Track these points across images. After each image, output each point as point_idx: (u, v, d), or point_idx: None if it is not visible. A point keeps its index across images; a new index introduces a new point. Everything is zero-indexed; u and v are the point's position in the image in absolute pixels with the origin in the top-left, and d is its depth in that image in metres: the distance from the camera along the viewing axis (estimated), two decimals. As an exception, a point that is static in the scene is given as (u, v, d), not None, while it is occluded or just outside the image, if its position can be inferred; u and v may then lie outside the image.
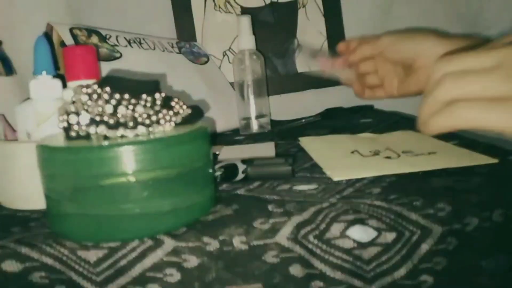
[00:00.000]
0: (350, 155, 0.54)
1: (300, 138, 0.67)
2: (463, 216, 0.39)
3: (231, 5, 0.89)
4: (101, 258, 0.36)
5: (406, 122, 0.75)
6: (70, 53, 0.52)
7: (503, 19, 0.96)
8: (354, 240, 0.37)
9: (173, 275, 0.36)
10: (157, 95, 0.40)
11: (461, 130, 0.33)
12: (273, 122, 0.85)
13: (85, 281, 0.36)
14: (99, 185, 0.35)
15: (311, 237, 0.37)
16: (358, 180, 0.46)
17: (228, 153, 0.60)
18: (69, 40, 0.65)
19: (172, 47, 0.80)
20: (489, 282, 0.40)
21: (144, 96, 0.39)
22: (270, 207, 0.40)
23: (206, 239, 0.37)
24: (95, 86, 0.39)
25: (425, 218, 0.38)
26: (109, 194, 0.35)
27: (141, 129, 0.38)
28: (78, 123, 0.38)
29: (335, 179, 0.46)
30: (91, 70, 0.52)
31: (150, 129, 0.39)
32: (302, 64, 0.93)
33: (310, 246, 0.37)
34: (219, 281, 0.37)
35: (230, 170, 0.49)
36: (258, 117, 0.80)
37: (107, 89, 0.39)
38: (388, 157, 0.51)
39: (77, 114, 0.38)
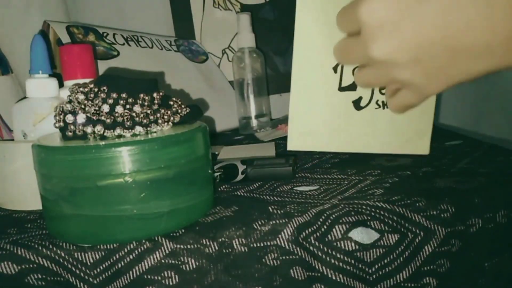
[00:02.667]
0: (331, 76, 0.45)
1: None
2: (467, 218, 0.38)
3: (231, 2, 0.88)
4: (98, 260, 0.36)
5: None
6: (66, 51, 0.52)
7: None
8: (356, 242, 0.37)
9: (171, 278, 0.36)
10: (155, 94, 0.40)
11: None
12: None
13: (82, 283, 0.35)
14: (96, 186, 0.34)
15: (312, 239, 0.37)
16: (360, 180, 0.45)
17: (227, 153, 0.60)
18: (65, 39, 0.64)
19: (171, 45, 0.79)
20: (492, 284, 0.39)
21: (141, 95, 0.39)
22: (270, 208, 0.39)
23: (205, 241, 0.36)
24: (92, 85, 0.39)
25: (428, 220, 0.38)
26: (106, 195, 0.35)
27: (138, 129, 0.38)
28: (74, 123, 0.37)
29: (291, 149, 0.44)
30: (88, 68, 0.52)
31: (148, 128, 0.38)
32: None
33: (311, 248, 0.37)
34: (218, 284, 0.36)
35: (230, 170, 0.48)
36: (258, 116, 0.79)
37: (104, 88, 0.38)
38: (358, 99, 0.46)
39: (74, 113, 0.37)
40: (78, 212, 0.35)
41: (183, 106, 0.42)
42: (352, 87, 0.46)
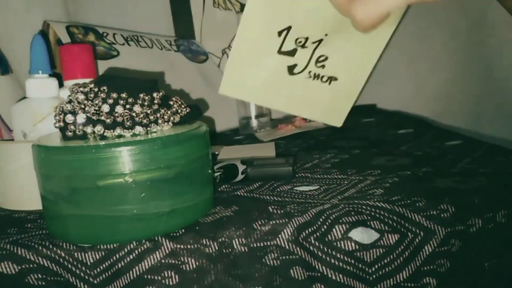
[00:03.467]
0: (275, 38, 0.43)
1: None
2: (467, 218, 0.38)
3: (231, 2, 0.88)
4: (98, 260, 0.35)
5: (408, 122, 0.75)
6: (66, 51, 0.52)
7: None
8: (356, 242, 0.37)
9: (171, 278, 0.36)
10: (155, 94, 0.40)
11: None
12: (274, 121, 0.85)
13: (82, 283, 0.35)
14: (96, 186, 0.34)
15: (312, 239, 0.37)
16: (360, 180, 0.45)
17: (227, 153, 0.60)
18: (65, 38, 0.64)
19: (171, 45, 0.79)
20: (492, 284, 0.39)
21: (141, 95, 0.39)
22: (270, 208, 0.39)
23: (205, 241, 0.36)
24: (92, 85, 0.39)
25: (428, 220, 0.38)
26: (106, 195, 0.35)
27: (138, 129, 0.38)
28: (74, 123, 0.37)
29: (222, 92, 0.44)
30: (88, 68, 0.52)
31: (148, 128, 0.38)
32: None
33: (311, 248, 0.37)
34: (218, 284, 0.36)
35: (230, 170, 0.48)
36: (258, 116, 0.79)
37: (104, 88, 0.38)
38: (293, 66, 0.46)
39: (74, 113, 0.37)
40: (78, 212, 0.35)
41: (183, 106, 0.42)
42: (291, 53, 0.47)
